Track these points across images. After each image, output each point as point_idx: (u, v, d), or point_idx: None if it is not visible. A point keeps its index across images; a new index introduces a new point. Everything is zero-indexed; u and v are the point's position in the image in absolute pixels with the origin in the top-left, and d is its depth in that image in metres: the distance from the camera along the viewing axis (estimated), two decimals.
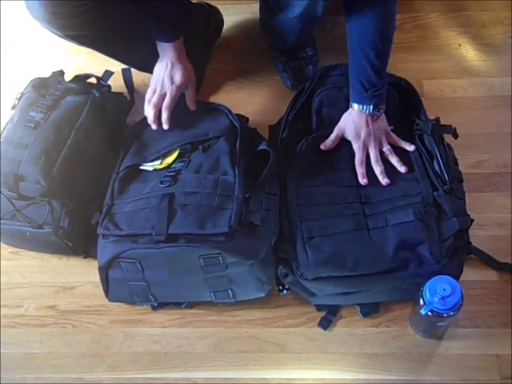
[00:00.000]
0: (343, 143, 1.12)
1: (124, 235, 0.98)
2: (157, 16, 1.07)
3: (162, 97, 1.12)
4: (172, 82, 1.12)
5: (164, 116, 1.11)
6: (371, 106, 1.07)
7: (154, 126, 1.12)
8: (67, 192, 1.08)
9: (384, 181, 1.05)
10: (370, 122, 1.08)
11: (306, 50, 1.35)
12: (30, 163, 1.03)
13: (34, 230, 1.06)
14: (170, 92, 1.12)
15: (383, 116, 1.10)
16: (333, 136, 1.11)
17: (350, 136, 1.10)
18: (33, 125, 1.07)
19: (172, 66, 1.12)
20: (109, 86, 1.24)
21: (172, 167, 1.07)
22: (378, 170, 1.07)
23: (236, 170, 1.03)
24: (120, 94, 1.28)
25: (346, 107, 1.14)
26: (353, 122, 1.09)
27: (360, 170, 1.07)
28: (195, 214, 0.97)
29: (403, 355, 1.02)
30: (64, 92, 1.15)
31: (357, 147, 1.08)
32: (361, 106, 1.08)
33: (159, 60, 1.14)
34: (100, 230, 0.99)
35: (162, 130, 1.14)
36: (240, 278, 1.00)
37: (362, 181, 1.06)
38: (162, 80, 1.12)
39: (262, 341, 1.05)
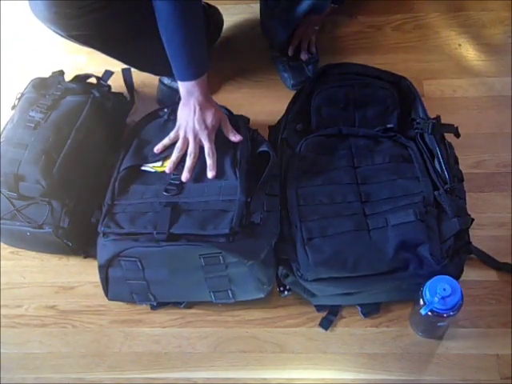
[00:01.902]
0: (343, 142, 1.13)
1: (125, 233, 0.98)
2: (183, 49, 1.01)
3: (198, 144, 1.05)
4: (206, 127, 1.04)
5: (210, 162, 1.03)
6: None
7: (187, 177, 1.03)
8: (67, 192, 1.08)
9: (304, 56, 1.32)
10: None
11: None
12: (30, 163, 1.03)
13: (34, 230, 1.06)
14: (208, 139, 1.04)
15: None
16: None
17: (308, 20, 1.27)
18: (33, 125, 1.07)
19: (200, 109, 1.04)
20: (109, 86, 1.24)
21: (175, 173, 1.06)
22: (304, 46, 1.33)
23: (238, 173, 1.03)
24: (120, 94, 1.29)
25: (346, 106, 1.14)
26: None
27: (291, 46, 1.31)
28: (198, 216, 0.98)
29: (403, 355, 1.02)
30: (64, 92, 1.15)
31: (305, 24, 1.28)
32: None
33: (182, 103, 1.06)
34: (101, 228, 0.99)
35: (163, 129, 1.14)
36: (240, 279, 1.00)
37: (290, 50, 1.31)
38: (192, 127, 1.04)
39: (262, 341, 1.05)
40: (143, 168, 1.09)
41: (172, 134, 1.08)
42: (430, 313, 0.91)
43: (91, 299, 1.11)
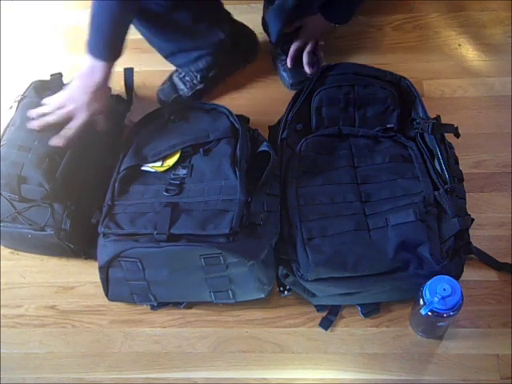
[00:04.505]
0: (343, 142, 1.13)
1: (125, 234, 0.98)
2: (113, 29, 1.01)
3: (70, 115, 1.06)
4: (88, 110, 1.05)
5: (66, 132, 1.05)
6: None
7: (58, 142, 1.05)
8: (69, 194, 1.07)
9: (309, 70, 1.31)
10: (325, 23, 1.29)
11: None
12: (33, 166, 1.03)
13: (36, 233, 1.06)
14: (80, 119, 1.05)
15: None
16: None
17: (309, 25, 1.30)
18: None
19: (94, 91, 1.05)
20: (109, 88, 1.24)
21: (175, 173, 1.07)
22: (306, 60, 1.31)
23: (237, 173, 1.03)
24: (118, 96, 1.29)
25: (346, 107, 1.14)
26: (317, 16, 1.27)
27: (291, 55, 1.31)
28: (198, 216, 0.98)
29: (403, 355, 1.02)
30: None
31: (301, 35, 1.31)
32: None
33: (83, 74, 1.05)
34: (101, 229, 0.99)
35: (162, 129, 1.14)
36: (240, 279, 1.00)
37: (289, 62, 1.31)
38: (82, 102, 1.05)
39: (262, 341, 1.05)
40: (143, 168, 1.09)
41: (57, 102, 1.07)
42: (430, 313, 0.91)
43: (91, 299, 1.11)
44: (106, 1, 0.98)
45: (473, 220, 1.02)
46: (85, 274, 1.14)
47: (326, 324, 1.04)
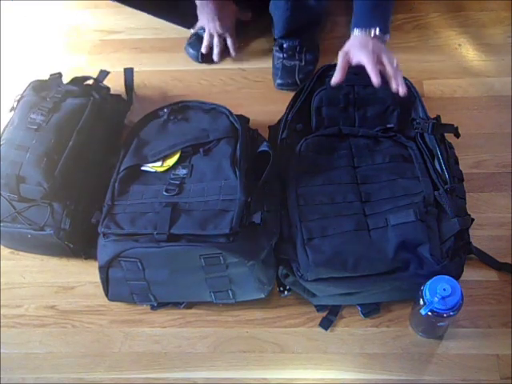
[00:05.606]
0: (343, 142, 1.13)
1: (125, 234, 0.98)
2: None
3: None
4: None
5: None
6: (377, 28, 1.05)
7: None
8: (68, 193, 1.08)
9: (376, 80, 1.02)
10: (375, 41, 1.05)
11: (305, 54, 1.36)
12: (31, 165, 1.03)
13: (35, 232, 1.06)
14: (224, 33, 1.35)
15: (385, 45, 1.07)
16: (340, 63, 1.07)
17: (356, 51, 1.04)
18: (34, 127, 1.07)
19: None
20: (108, 88, 1.24)
21: (175, 173, 1.07)
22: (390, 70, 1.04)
23: (237, 173, 1.03)
24: (118, 95, 1.29)
25: (346, 107, 1.14)
26: (359, 41, 1.05)
27: (374, 71, 1.02)
28: (198, 216, 0.98)
29: (403, 355, 1.01)
30: (64, 94, 1.15)
31: (366, 56, 1.03)
32: (365, 30, 1.06)
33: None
34: (101, 229, 0.99)
35: (162, 129, 1.14)
36: (240, 279, 1.00)
37: (375, 80, 1.02)
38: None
39: (262, 341, 1.05)
40: (143, 168, 1.09)
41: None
42: (430, 313, 0.91)
43: (91, 299, 1.11)
44: None
45: (473, 220, 1.02)
46: (85, 274, 1.14)
47: (326, 324, 1.04)
